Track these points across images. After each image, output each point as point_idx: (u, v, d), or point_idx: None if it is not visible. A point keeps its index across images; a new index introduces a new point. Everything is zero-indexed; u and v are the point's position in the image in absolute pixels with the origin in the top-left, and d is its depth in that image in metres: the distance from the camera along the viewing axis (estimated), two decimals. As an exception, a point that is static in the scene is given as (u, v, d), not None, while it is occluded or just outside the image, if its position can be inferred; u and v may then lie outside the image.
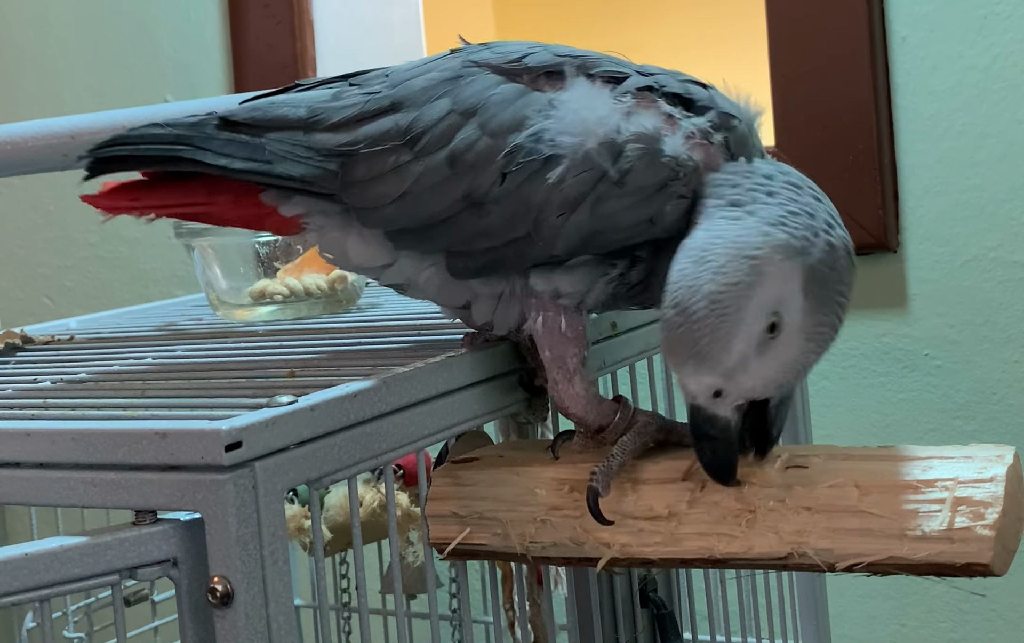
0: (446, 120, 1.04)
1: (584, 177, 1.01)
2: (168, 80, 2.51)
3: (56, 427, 0.94)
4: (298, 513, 1.64)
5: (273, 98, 1.11)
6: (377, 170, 1.05)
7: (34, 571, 0.86)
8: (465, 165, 1.03)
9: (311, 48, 2.37)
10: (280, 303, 1.52)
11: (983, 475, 0.91)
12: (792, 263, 0.95)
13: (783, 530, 0.95)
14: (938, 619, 1.91)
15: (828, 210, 1.00)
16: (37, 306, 2.65)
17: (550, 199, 1.01)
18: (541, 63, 1.06)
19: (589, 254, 1.04)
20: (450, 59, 1.09)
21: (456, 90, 1.05)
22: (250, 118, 1.08)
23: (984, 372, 1.85)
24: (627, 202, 1.01)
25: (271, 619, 0.88)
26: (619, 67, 1.07)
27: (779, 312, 0.95)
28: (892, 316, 1.90)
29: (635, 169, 1.01)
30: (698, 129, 1.03)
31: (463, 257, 1.06)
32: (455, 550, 1.07)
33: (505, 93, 1.04)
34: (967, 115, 1.84)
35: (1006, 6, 1.80)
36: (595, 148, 1.01)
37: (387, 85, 1.08)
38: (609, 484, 1.01)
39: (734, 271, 0.93)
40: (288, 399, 0.93)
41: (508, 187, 1.02)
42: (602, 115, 1.02)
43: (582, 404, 1.06)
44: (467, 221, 1.04)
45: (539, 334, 1.06)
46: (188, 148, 1.08)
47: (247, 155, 1.07)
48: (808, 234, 0.96)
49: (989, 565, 0.89)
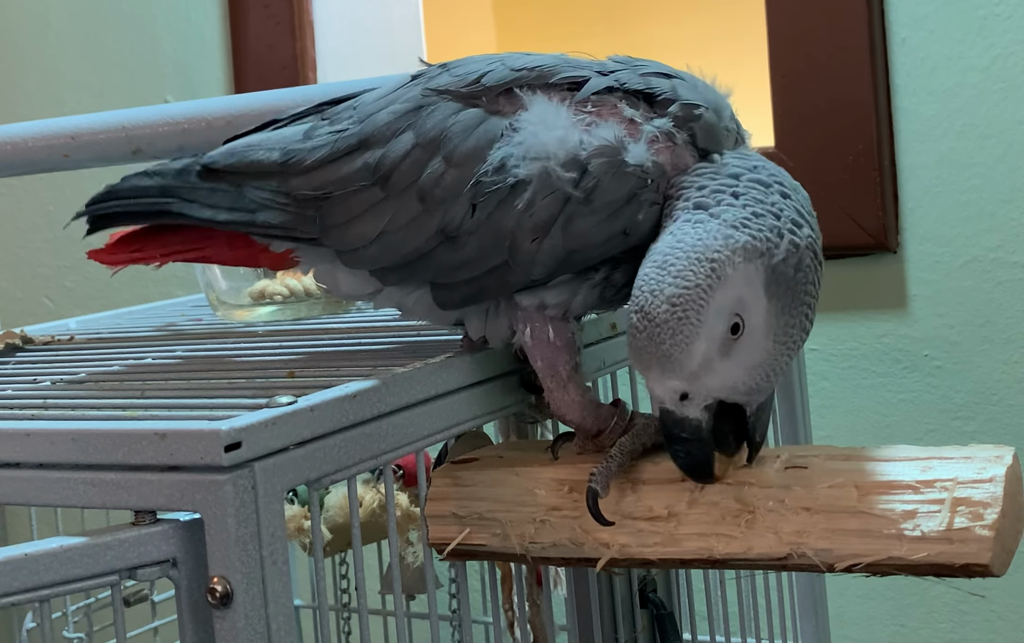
0: (411, 155, 1.04)
1: (551, 199, 1.00)
2: (168, 80, 2.51)
3: (56, 427, 0.94)
4: (298, 513, 1.64)
5: (249, 140, 1.12)
6: (352, 212, 1.06)
7: (34, 571, 0.86)
8: (435, 200, 1.03)
9: (311, 49, 2.37)
10: (280, 304, 1.52)
11: (982, 476, 0.91)
12: (753, 264, 0.95)
13: (782, 530, 0.95)
14: (938, 620, 1.91)
15: (798, 207, 1.00)
16: (37, 306, 2.65)
17: (521, 225, 1.01)
18: (499, 81, 1.05)
19: (569, 273, 1.04)
20: (411, 88, 1.08)
21: (418, 122, 1.05)
22: (229, 165, 1.10)
23: (984, 373, 1.85)
24: (598, 218, 1.01)
25: (270, 619, 0.88)
26: (578, 71, 1.06)
27: (741, 314, 0.95)
28: (892, 317, 1.90)
29: (601, 184, 1.00)
30: (661, 131, 1.02)
31: (446, 289, 1.07)
32: (454, 550, 1.07)
33: (465, 121, 1.04)
34: (967, 116, 1.84)
35: (1006, 7, 1.80)
36: (558, 169, 1.00)
37: (354, 121, 1.08)
38: (608, 485, 1.01)
39: (693, 274, 0.93)
40: (288, 399, 0.93)
41: (479, 217, 1.02)
42: (562, 134, 1.01)
43: (578, 410, 1.06)
44: (445, 255, 1.04)
45: (528, 346, 1.06)
46: (176, 201, 1.12)
47: (230, 205, 1.10)
48: (771, 235, 0.96)
49: (988, 566, 0.89)
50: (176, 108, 1.49)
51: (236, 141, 1.14)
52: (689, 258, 0.94)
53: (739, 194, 0.99)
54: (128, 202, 1.15)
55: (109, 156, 1.50)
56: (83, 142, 1.48)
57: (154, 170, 1.14)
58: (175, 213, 1.12)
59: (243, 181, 1.10)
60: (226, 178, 1.11)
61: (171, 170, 1.13)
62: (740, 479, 0.98)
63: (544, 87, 1.05)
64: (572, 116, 1.02)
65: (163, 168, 1.14)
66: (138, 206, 1.15)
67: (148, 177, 1.14)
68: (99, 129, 1.47)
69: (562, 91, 1.04)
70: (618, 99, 1.04)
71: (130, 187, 1.15)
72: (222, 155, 1.11)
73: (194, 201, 1.11)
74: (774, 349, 0.97)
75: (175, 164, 1.14)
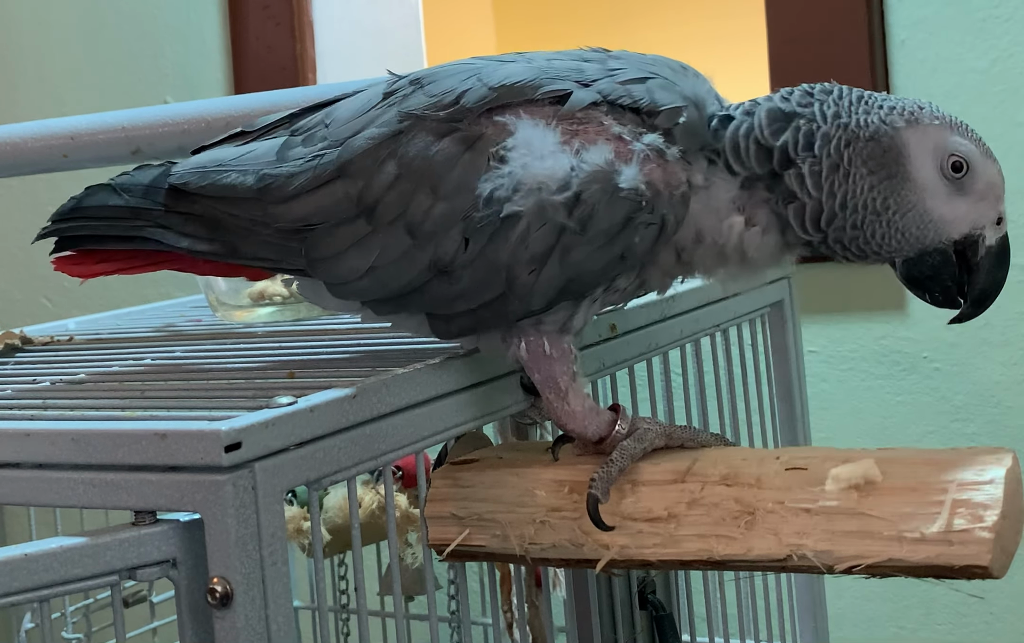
0: (396, 187, 1.01)
1: (546, 230, 0.99)
2: (168, 81, 2.51)
3: (56, 427, 0.94)
4: (296, 515, 1.64)
5: (220, 156, 1.08)
6: (339, 246, 1.03)
7: (34, 571, 0.86)
8: (425, 234, 1.00)
9: (311, 50, 2.37)
10: (279, 304, 1.52)
11: (982, 478, 0.91)
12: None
13: (782, 532, 0.95)
14: (936, 621, 1.92)
15: None
16: (36, 307, 2.65)
17: (517, 258, 0.99)
18: (478, 101, 1.01)
19: (568, 300, 1.03)
20: (385, 108, 1.04)
21: (399, 150, 1.01)
22: (200, 189, 1.06)
23: (982, 375, 1.85)
24: (594, 246, 1.00)
25: (270, 620, 0.88)
26: (557, 82, 1.02)
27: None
28: (891, 319, 1.90)
29: (596, 213, 0.98)
30: (652, 148, 1.00)
31: (442, 320, 1.05)
32: (454, 551, 1.06)
33: (449, 150, 1.00)
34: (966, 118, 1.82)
35: (1005, 9, 1.81)
36: (551, 199, 0.98)
37: (329, 143, 1.04)
38: (608, 490, 1.01)
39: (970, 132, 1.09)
40: (288, 400, 0.93)
41: (473, 251, 1.00)
42: (552, 162, 0.99)
43: (579, 420, 1.05)
44: (439, 288, 1.02)
45: (524, 359, 1.05)
46: (148, 226, 1.08)
47: (208, 235, 1.06)
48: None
49: (988, 567, 0.89)
50: (176, 109, 1.48)
51: (204, 154, 1.09)
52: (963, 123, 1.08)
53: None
54: (97, 224, 1.10)
55: (108, 156, 1.50)
56: (82, 142, 1.48)
57: (121, 185, 1.09)
58: (149, 240, 1.08)
59: (218, 206, 1.05)
60: (199, 203, 1.06)
61: (139, 187, 1.08)
62: (739, 480, 0.98)
63: (526, 104, 1.01)
64: (559, 138, 1.00)
65: (131, 182, 1.09)
66: (108, 229, 1.10)
67: (116, 194, 1.09)
68: (98, 129, 1.47)
69: (545, 107, 1.01)
70: (603, 114, 1.01)
71: (97, 205, 1.10)
72: (192, 174, 1.06)
73: (168, 228, 1.07)
74: None
75: (143, 177, 1.09)
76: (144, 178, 1.09)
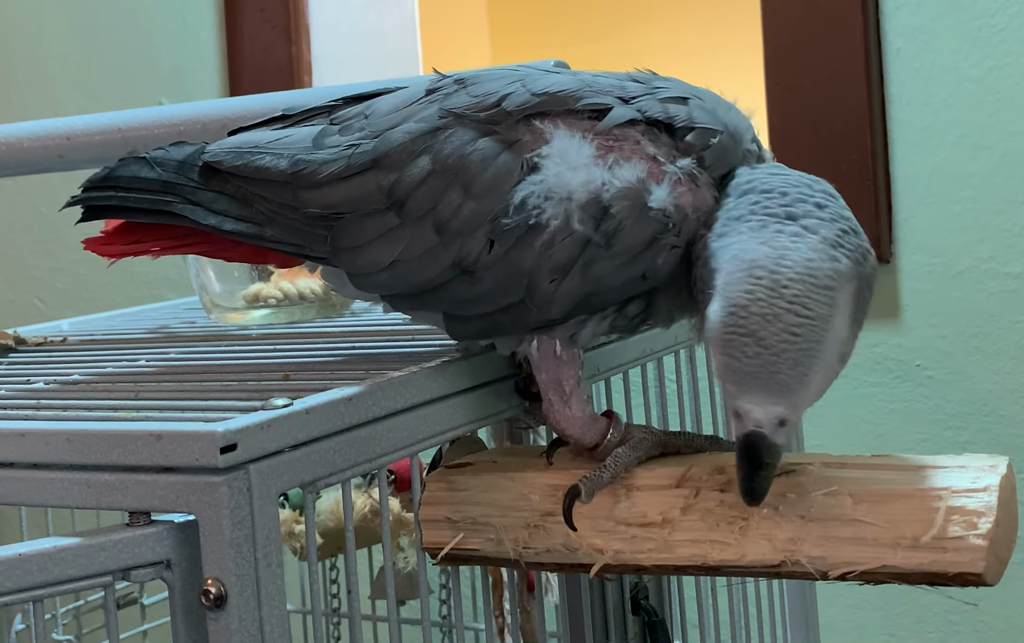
0: (428, 182, 1.01)
1: (571, 241, 0.98)
2: (163, 83, 2.51)
3: (51, 428, 0.93)
4: (289, 518, 1.63)
5: (256, 139, 1.08)
6: (365, 236, 1.03)
7: (27, 571, 0.86)
8: (452, 232, 1.00)
9: (307, 53, 2.37)
10: (274, 307, 1.52)
11: (976, 485, 0.91)
12: (851, 288, 0.92)
13: (776, 538, 0.95)
14: (927, 629, 1.92)
15: (855, 222, 0.97)
16: (28, 308, 2.65)
17: (540, 265, 0.99)
18: (519, 106, 1.01)
19: (586, 314, 1.03)
20: (426, 105, 1.04)
21: (435, 146, 1.01)
22: (234, 168, 1.06)
23: (976, 383, 1.86)
24: (617, 262, 0.99)
25: (264, 622, 0.88)
26: (600, 97, 1.02)
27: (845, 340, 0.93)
28: (885, 326, 1.91)
29: (623, 228, 0.98)
30: (684, 173, 1.00)
31: (460, 321, 1.05)
32: (448, 555, 1.06)
33: (485, 150, 1.00)
34: (961, 127, 1.85)
35: (1001, 18, 1.81)
36: (579, 211, 0.98)
37: (367, 135, 1.04)
38: (593, 493, 1.01)
39: (813, 303, 0.89)
40: (283, 402, 0.93)
41: (497, 254, 0.99)
42: (584, 175, 0.98)
43: (578, 426, 1.05)
44: (460, 288, 1.02)
45: (534, 358, 1.05)
46: (177, 201, 1.08)
47: (237, 214, 1.06)
48: (859, 255, 0.93)
49: (982, 575, 0.89)
50: (172, 110, 1.48)
51: (240, 135, 1.10)
52: (805, 282, 0.89)
53: (822, 205, 0.95)
54: (127, 196, 1.10)
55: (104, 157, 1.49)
56: (78, 143, 1.48)
57: (155, 159, 1.09)
58: (178, 215, 1.08)
59: (249, 187, 1.06)
60: (231, 182, 1.06)
61: (173, 162, 1.09)
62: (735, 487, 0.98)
63: (565, 115, 1.01)
64: (594, 152, 0.99)
65: (165, 158, 1.09)
66: (138, 202, 1.10)
67: (150, 167, 1.09)
68: (94, 130, 1.47)
69: (583, 120, 1.01)
70: (640, 133, 1.00)
71: (130, 176, 1.10)
72: (226, 153, 1.07)
73: (198, 204, 1.07)
74: (839, 367, 0.95)
75: (178, 153, 1.09)
76: (179, 154, 1.09)
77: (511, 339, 1.06)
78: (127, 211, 1.12)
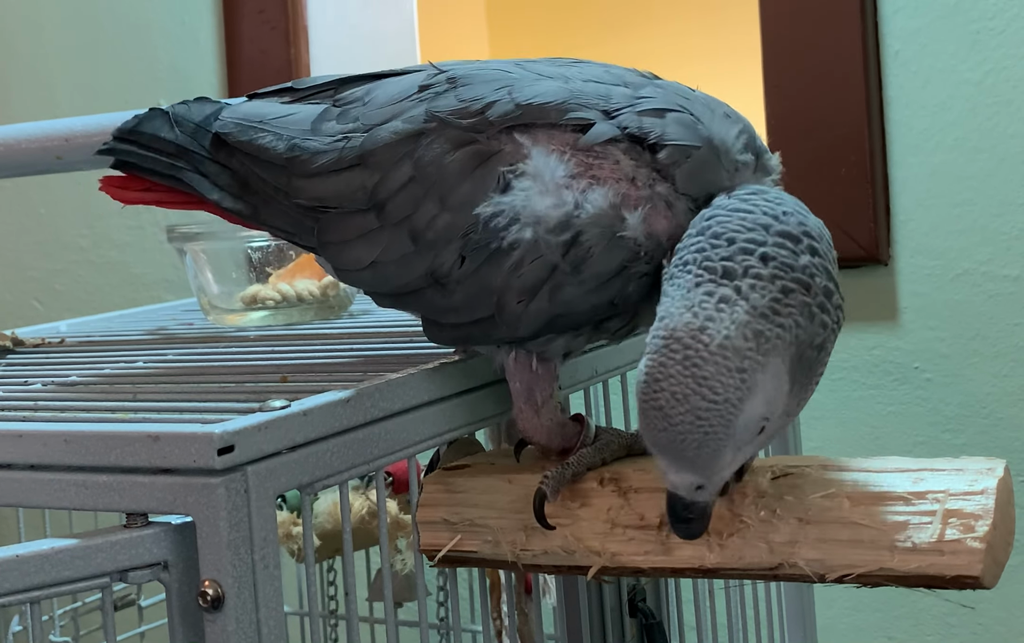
0: (407, 189, 1.01)
1: (539, 264, 0.98)
2: (162, 83, 2.51)
3: (48, 429, 0.94)
4: (286, 519, 1.63)
5: (264, 112, 1.09)
6: (348, 234, 1.04)
7: (25, 572, 0.86)
8: (426, 242, 1.01)
9: (305, 54, 2.37)
10: (272, 308, 1.52)
11: (974, 488, 0.91)
12: (781, 358, 0.89)
13: (774, 540, 0.95)
14: (925, 632, 1.92)
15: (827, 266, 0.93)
16: (27, 309, 2.64)
17: (509, 285, 0.99)
18: (503, 115, 1.00)
19: (555, 334, 1.03)
20: (416, 103, 1.04)
21: (418, 152, 1.01)
22: (239, 143, 1.07)
23: (974, 386, 1.86)
24: (585, 289, 0.99)
25: (261, 624, 0.88)
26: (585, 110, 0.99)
27: (768, 415, 0.90)
28: (883, 329, 1.91)
29: (591, 255, 0.97)
30: (660, 198, 0.98)
31: (436, 326, 1.06)
32: (445, 557, 1.06)
33: (462, 161, 1.00)
34: (959, 129, 1.84)
35: (999, 21, 1.81)
36: (548, 236, 0.97)
37: (359, 126, 1.04)
38: (559, 491, 1.02)
39: (723, 387, 0.86)
40: (281, 403, 0.93)
41: (467, 269, 1.00)
42: (556, 199, 0.97)
43: (546, 434, 1.06)
44: (434, 297, 1.03)
45: (509, 368, 1.05)
46: (188, 170, 1.09)
47: (237, 193, 1.08)
48: (801, 319, 0.89)
49: (979, 578, 0.89)
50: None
51: (254, 103, 1.11)
52: (717, 364, 0.86)
53: (768, 258, 0.90)
54: (145, 155, 1.11)
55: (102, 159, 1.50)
56: (77, 144, 1.48)
57: (176, 116, 1.11)
58: (186, 183, 1.09)
59: (250, 165, 1.07)
60: (235, 156, 1.07)
61: (191, 124, 1.10)
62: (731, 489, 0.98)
63: (548, 128, 0.99)
64: (571, 172, 0.98)
65: (185, 115, 1.10)
66: (154, 164, 1.11)
67: (169, 125, 1.10)
68: (93, 131, 1.47)
69: (566, 133, 0.99)
70: (622, 152, 0.98)
71: (151, 133, 1.11)
72: (235, 126, 1.08)
73: (205, 176, 1.09)
74: (786, 420, 0.93)
75: (197, 112, 1.10)
76: (197, 115, 1.11)
77: (487, 348, 1.07)
78: (143, 170, 1.13)
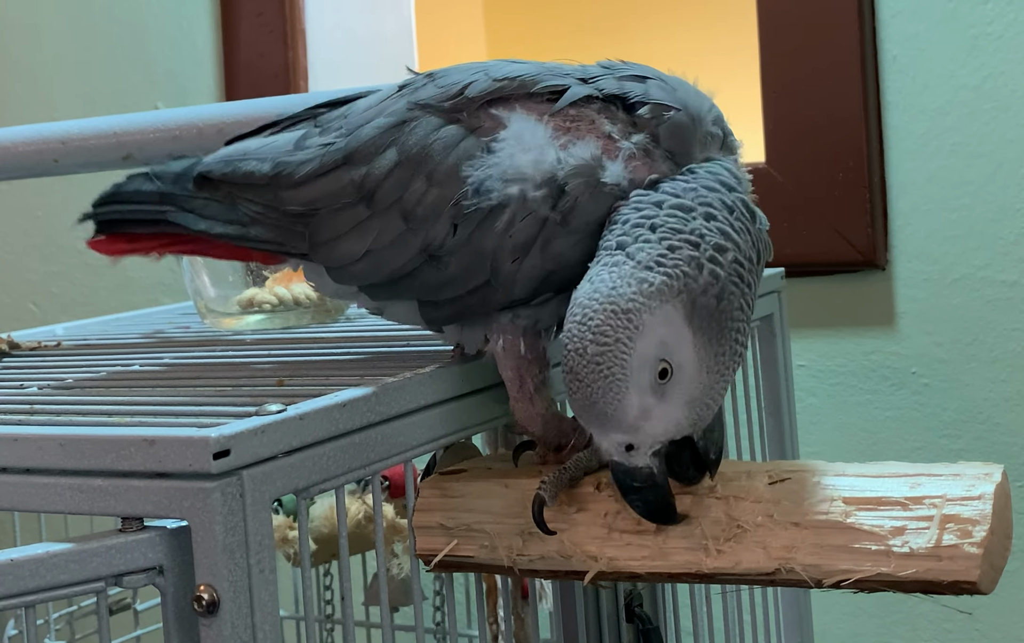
0: (394, 173, 1.05)
1: (529, 221, 1.01)
2: (159, 87, 2.50)
3: (43, 432, 0.93)
4: (282, 524, 1.63)
5: (246, 146, 1.13)
6: (339, 230, 1.07)
7: (20, 577, 0.85)
8: (417, 218, 1.04)
9: (303, 58, 2.37)
10: (268, 312, 1.52)
11: (971, 493, 0.91)
12: (671, 304, 0.93)
13: (771, 545, 0.95)
14: (922, 637, 1.91)
15: (724, 228, 0.97)
16: (23, 312, 2.64)
17: (501, 246, 1.02)
18: (480, 92, 1.04)
19: (551, 293, 1.04)
20: (397, 100, 1.08)
21: (401, 138, 1.05)
22: (223, 176, 1.11)
23: (971, 391, 1.86)
24: (575, 239, 1.01)
25: (257, 628, 0.88)
26: (559, 79, 1.05)
27: (667, 357, 0.93)
28: (880, 334, 1.91)
29: (578, 205, 1.00)
30: (639, 147, 1.02)
31: (432, 306, 1.08)
32: (442, 562, 1.06)
33: (446, 138, 1.04)
34: (957, 134, 1.84)
35: (997, 26, 1.81)
36: (534, 192, 1.00)
37: (342, 133, 1.08)
38: (556, 494, 1.02)
39: (611, 329, 0.91)
40: (277, 408, 0.93)
41: (460, 238, 1.02)
42: (539, 155, 1.01)
43: (540, 423, 1.07)
44: (428, 274, 1.05)
45: (500, 356, 1.07)
46: (173, 210, 1.13)
47: (225, 218, 1.11)
48: (688, 268, 0.94)
49: (976, 583, 0.89)
50: (167, 115, 1.48)
51: (234, 146, 1.14)
52: (606, 311, 0.92)
53: (657, 226, 0.96)
54: (129, 208, 1.16)
55: (99, 161, 1.50)
56: (74, 147, 1.48)
57: (155, 172, 1.15)
58: (172, 223, 1.13)
59: (236, 192, 1.11)
60: (220, 189, 1.11)
61: (170, 174, 1.14)
62: (728, 493, 0.98)
63: (524, 98, 1.04)
64: (550, 132, 1.02)
65: (164, 171, 1.15)
66: (138, 214, 1.16)
67: (150, 180, 1.15)
68: (90, 134, 1.47)
69: (542, 102, 1.04)
70: (596, 111, 1.03)
71: (132, 191, 1.16)
72: (218, 163, 1.12)
73: (191, 211, 1.13)
74: (708, 379, 0.95)
75: (175, 166, 1.15)
76: (177, 167, 1.15)
77: (479, 337, 1.08)
78: (130, 223, 1.17)
